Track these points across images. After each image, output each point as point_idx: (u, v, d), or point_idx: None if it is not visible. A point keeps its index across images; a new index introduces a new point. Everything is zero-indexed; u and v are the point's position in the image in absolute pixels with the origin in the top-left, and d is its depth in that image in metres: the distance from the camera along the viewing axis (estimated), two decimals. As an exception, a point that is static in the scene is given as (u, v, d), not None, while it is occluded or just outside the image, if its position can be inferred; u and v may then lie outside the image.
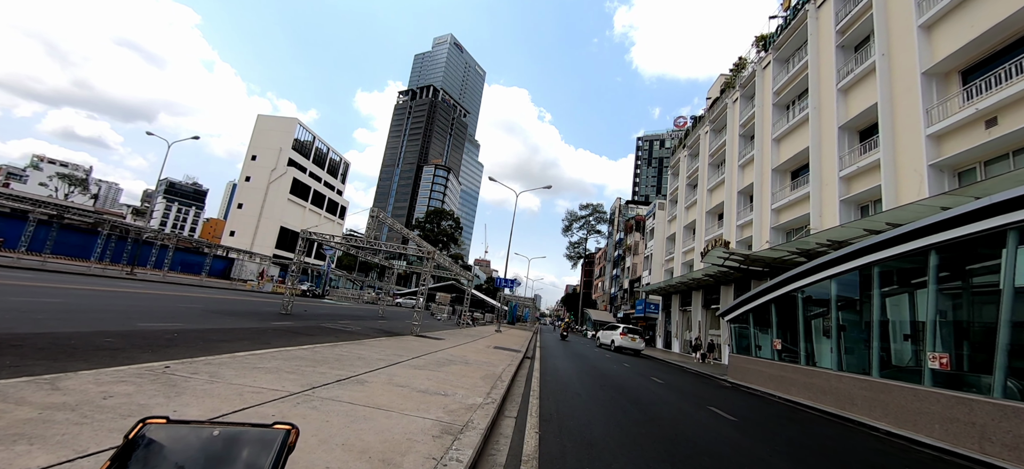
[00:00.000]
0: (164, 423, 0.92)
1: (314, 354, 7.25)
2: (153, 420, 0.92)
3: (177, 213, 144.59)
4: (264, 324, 12.42)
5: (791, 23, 23.98)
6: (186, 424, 0.93)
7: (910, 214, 10.98)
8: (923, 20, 15.24)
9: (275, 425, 0.94)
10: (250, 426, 0.95)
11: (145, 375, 4.39)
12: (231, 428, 0.94)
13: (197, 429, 0.92)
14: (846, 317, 11.32)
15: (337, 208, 77.62)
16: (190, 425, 0.93)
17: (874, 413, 9.10)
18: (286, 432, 0.93)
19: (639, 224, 54.21)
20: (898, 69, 16.33)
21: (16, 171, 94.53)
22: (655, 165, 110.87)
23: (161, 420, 0.92)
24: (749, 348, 15.86)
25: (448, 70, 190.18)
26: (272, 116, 68.60)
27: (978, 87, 13.50)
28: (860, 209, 18.43)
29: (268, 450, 0.90)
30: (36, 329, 6.89)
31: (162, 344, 7.01)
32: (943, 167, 14.45)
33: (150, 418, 0.92)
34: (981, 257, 8.08)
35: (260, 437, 0.92)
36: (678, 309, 35.04)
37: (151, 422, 0.91)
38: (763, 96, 26.27)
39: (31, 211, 26.78)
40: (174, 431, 0.92)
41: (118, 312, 10.58)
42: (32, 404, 3.17)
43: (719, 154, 32.38)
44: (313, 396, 4.58)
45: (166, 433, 0.91)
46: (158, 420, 0.92)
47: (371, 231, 22.22)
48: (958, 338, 8.41)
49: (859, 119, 18.43)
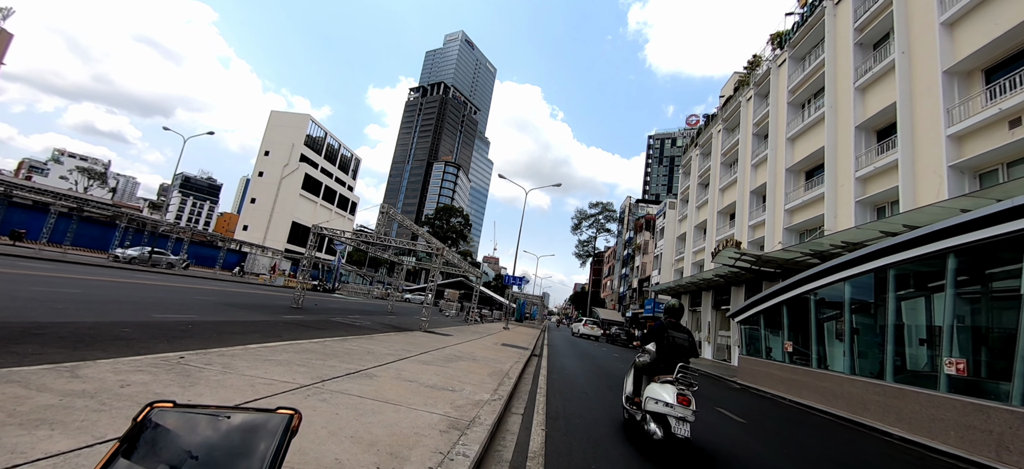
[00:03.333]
0: (171, 407, 0.95)
1: (324, 347, 7.34)
2: (160, 404, 0.95)
3: (192, 207, 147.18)
4: (276, 317, 12.61)
5: (808, 20, 23.54)
6: (192, 408, 0.96)
7: (928, 216, 10.73)
8: (945, 17, 14.85)
9: (278, 410, 0.97)
10: (254, 411, 0.97)
11: (161, 365, 4.49)
12: (236, 412, 0.96)
13: (202, 412, 0.95)
14: (860, 320, 11.12)
15: (348, 204, 78.31)
16: (196, 409, 0.96)
17: (887, 418, 8.94)
18: (289, 417, 0.95)
19: (649, 223, 53.80)
20: (918, 67, 15.95)
21: (38, 165, 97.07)
22: (666, 164, 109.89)
23: (168, 404, 0.95)
24: (760, 350, 15.68)
25: (459, 67, 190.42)
26: (285, 112, 69.39)
27: (1002, 86, 13.12)
28: (876, 211, 18.07)
29: (271, 434, 0.92)
30: (57, 318, 7.09)
31: (177, 335, 7.16)
32: (963, 168, 14.09)
33: (157, 402, 0.95)
34: (1002, 261, 7.87)
35: (264, 421, 0.95)
36: (688, 309, 34.75)
37: (158, 406, 0.94)
38: (778, 94, 25.85)
39: (52, 204, 27.51)
40: (181, 415, 0.95)
41: (134, 303, 10.83)
42: (53, 391, 3.27)
43: (731, 153, 31.96)
44: (323, 388, 4.65)
45: (173, 417, 0.94)
46: (165, 404, 0.95)
47: (381, 227, 22.43)
48: (976, 344, 8.22)
49: (877, 119, 18.05)
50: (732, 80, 35.96)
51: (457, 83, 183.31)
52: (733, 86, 34.50)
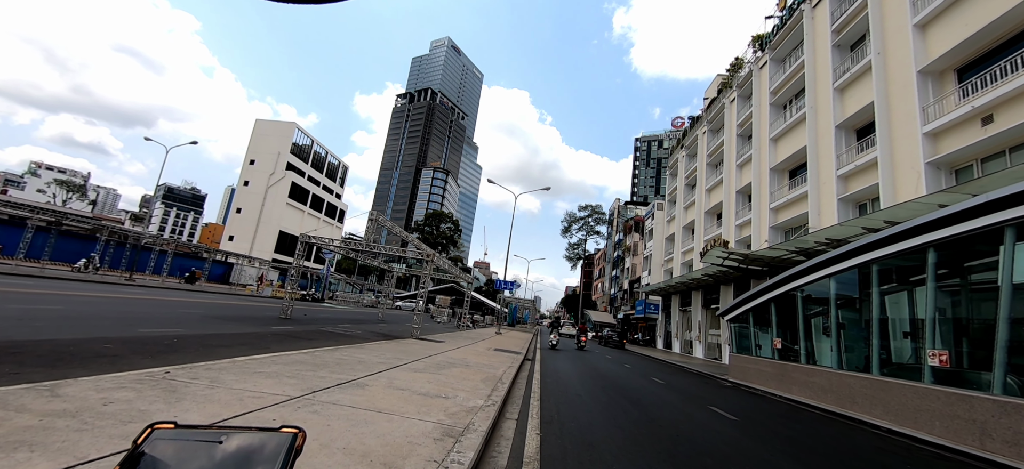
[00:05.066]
0: (172, 428, 0.92)
1: (314, 358, 7.24)
2: (161, 425, 0.92)
3: (176, 218, 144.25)
4: (264, 329, 12.40)
5: (787, 23, 24.07)
6: (194, 429, 0.94)
7: (908, 212, 11.02)
8: (918, 19, 15.32)
9: (282, 429, 0.95)
10: (257, 430, 0.95)
11: (145, 381, 4.38)
12: (239, 432, 0.94)
13: (205, 434, 0.93)
14: (846, 315, 11.34)
15: (336, 212, 77.53)
16: (198, 430, 0.93)
17: (875, 411, 9.11)
18: (293, 435, 0.94)
19: (638, 225, 54.25)
20: (893, 68, 16.40)
21: (14, 178, 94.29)
22: (653, 166, 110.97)
23: (169, 425, 0.93)
24: (749, 347, 15.87)
25: (446, 73, 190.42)
26: (270, 120, 68.53)
27: (973, 85, 13.56)
28: (858, 207, 18.48)
29: (276, 454, 0.90)
30: (35, 336, 6.87)
31: (162, 350, 6.99)
32: (940, 165, 14.50)
33: (158, 423, 0.92)
34: (979, 254, 8.11)
35: (268, 441, 0.93)
36: (678, 309, 35.06)
37: (160, 427, 0.92)
38: (760, 96, 26.35)
39: (29, 218, 26.70)
40: (182, 436, 0.92)
41: (117, 318, 10.55)
42: (32, 411, 3.16)
43: (717, 154, 32.45)
44: (314, 400, 4.57)
45: (174, 438, 0.91)
46: (166, 425, 0.92)
47: (370, 234, 22.22)
48: (957, 335, 8.43)
49: (856, 118, 18.50)
50: (716, 82, 36.56)
51: (444, 89, 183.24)
52: (717, 88, 35.07)
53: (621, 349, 31.40)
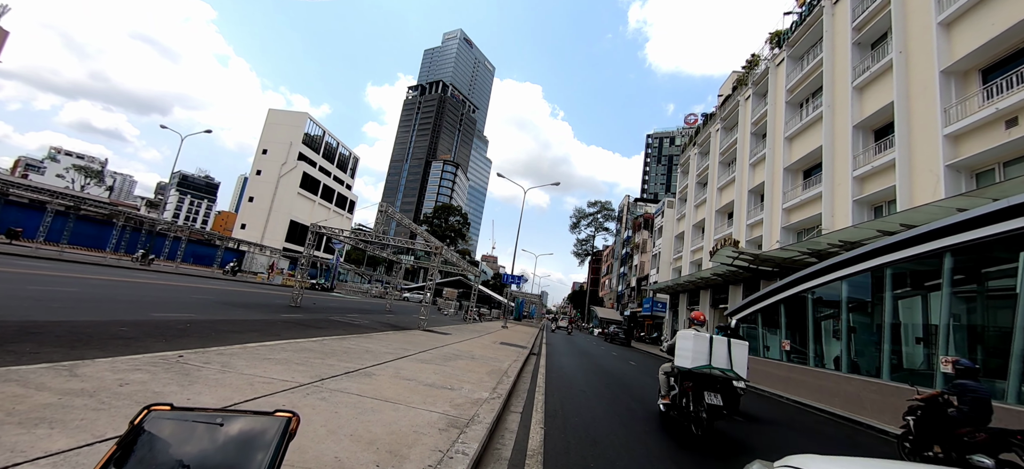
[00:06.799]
0: (168, 410, 0.95)
1: (323, 346, 7.34)
2: (158, 407, 0.95)
3: (189, 205, 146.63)
4: (274, 316, 12.60)
5: (806, 19, 23.57)
6: (189, 411, 0.96)
7: (925, 215, 10.78)
8: (942, 17, 14.89)
9: (276, 413, 0.97)
10: (252, 414, 0.97)
11: (159, 364, 4.49)
12: (233, 415, 0.96)
13: (200, 416, 0.95)
14: (857, 319, 11.18)
15: (346, 202, 78.14)
16: (193, 412, 0.96)
17: (884, 417, 8.99)
18: (287, 420, 0.96)
19: (647, 222, 53.85)
20: (915, 67, 15.99)
21: (34, 163, 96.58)
22: (664, 163, 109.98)
23: (165, 407, 0.95)
24: (757, 348, 15.73)
25: (457, 66, 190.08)
26: (282, 110, 69.15)
27: (998, 86, 13.17)
28: (873, 210, 18.12)
29: (269, 437, 0.92)
30: (54, 317, 7.07)
31: (175, 334, 7.15)
32: (960, 168, 14.15)
33: (155, 405, 0.95)
34: (998, 261, 7.92)
35: (261, 424, 0.95)
36: (686, 308, 34.82)
37: (156, 409, 0.94)
38: (776, 94, 25.89)
39: (49, 202, 27.38)
40: (178, 418, 0.94)
41: (132, 302, 10.80)
42: (52, 390, 3.26)
43: (730, 152, 32.01)
44: (322, 387, 4.65)
45: (170, 420, 0.94)
46: (162, 407, 0.95)
47: (379, 226, 22.38)
48: (972, 342, 8.27)
49: (874, 118, 18.10)
50: (730, 79, 35.99)
51: (455, 81, 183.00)
52: (731, 85, 34.52)
53: (627, 346, 31.34)
